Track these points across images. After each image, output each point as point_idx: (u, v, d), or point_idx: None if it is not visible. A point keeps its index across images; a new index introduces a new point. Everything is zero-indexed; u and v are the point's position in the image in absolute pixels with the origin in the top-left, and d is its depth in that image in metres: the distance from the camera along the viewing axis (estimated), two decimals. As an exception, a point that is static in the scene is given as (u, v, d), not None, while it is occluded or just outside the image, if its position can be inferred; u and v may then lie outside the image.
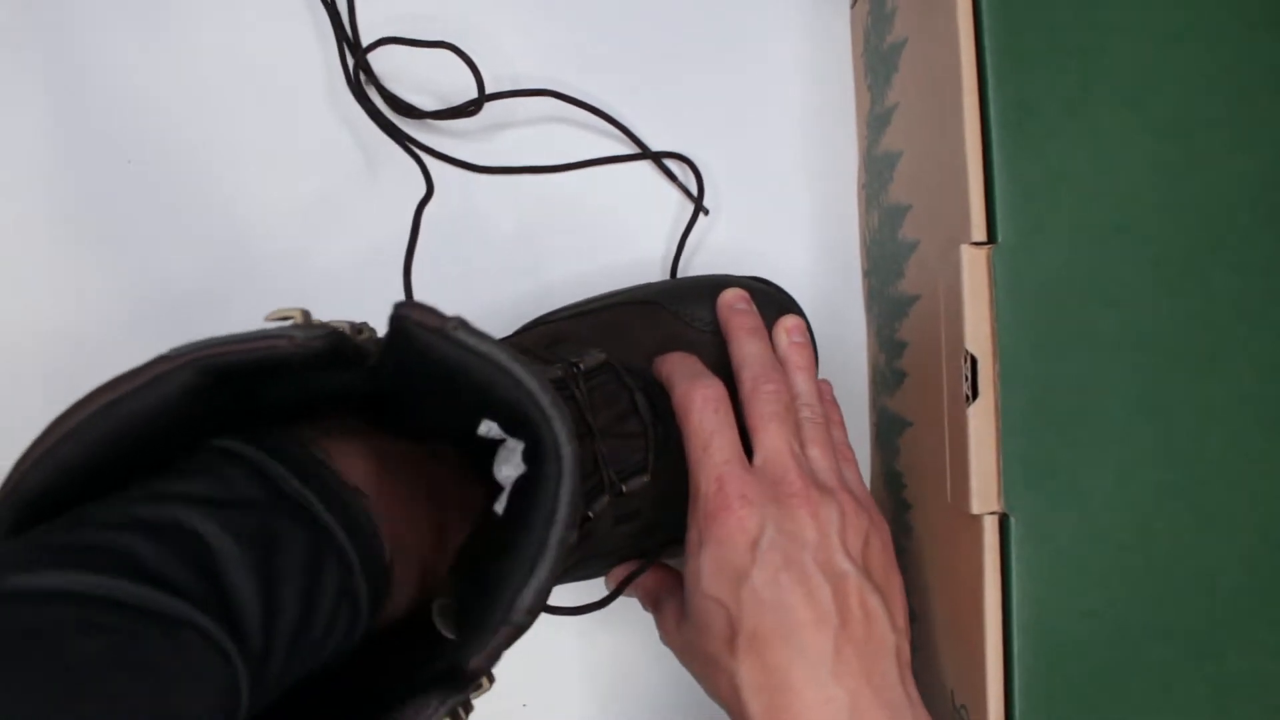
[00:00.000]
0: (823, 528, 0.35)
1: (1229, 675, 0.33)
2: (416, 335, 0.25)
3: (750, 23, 0.49)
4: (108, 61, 0.48)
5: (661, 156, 0.48)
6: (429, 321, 0.25)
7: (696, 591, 0.35)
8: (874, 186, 0.46)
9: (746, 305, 0.42)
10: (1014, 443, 0.33)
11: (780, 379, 0.39)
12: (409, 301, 0.25)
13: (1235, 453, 0.33)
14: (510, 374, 0.25)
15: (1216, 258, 0.34)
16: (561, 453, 0.25)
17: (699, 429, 0.37)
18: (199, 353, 0.23)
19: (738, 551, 0.34)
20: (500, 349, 0.25)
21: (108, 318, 0.47)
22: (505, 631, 0.24)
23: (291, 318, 0.25)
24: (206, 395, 0.24)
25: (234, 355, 0.24)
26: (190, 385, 0.23)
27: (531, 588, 0.24)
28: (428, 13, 0.48)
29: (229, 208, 0.48)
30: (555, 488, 0.25)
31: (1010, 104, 0.34)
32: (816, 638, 0.33)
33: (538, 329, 0.43)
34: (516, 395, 0.25)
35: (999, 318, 0.34)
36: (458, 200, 0.48)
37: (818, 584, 0.34)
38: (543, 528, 0.25)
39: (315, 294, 0.47)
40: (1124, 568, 0.33)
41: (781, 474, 0.36)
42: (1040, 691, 0.33)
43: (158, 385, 0.23)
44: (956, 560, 0.36)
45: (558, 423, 0.25)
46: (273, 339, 0.24)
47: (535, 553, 0.25)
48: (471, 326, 0.25)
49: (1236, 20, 0.34)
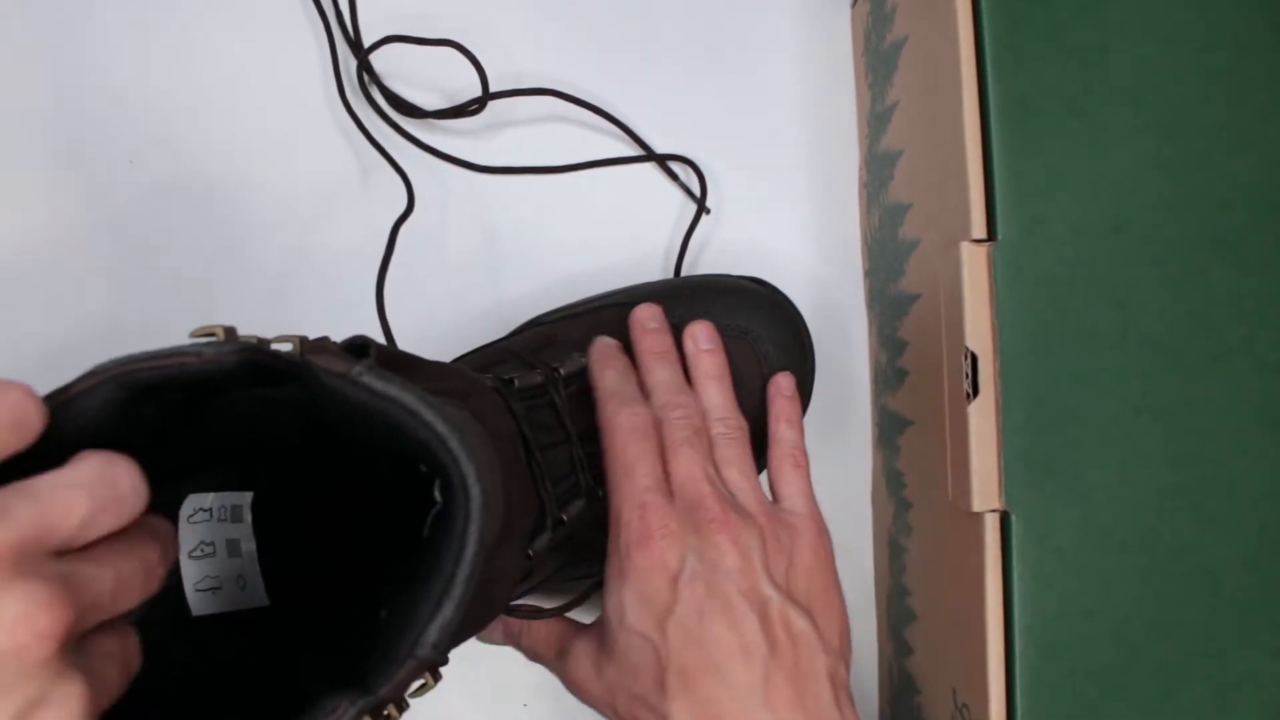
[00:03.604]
0: (744, 554, 0.34)
1: (1230, 674, 0.33)
2: (324, 381, 0.25)
3: (751, 22, 0.49)
4: (109, 61, 0.48)
5: (666, 159, 0.48)
6: (334, 367, 0.25)
7: (621, 628, 0.34)
8: (875, 185, 0.46)
9: (658, 324, 0.40)
10: (1015, 440, 0.33)
11: (688, 401, 0.37)
12: (315, 343, 0.25)
13: (1236, 451, 0.33)
14: (418, 416, 0.25)
15: (1216, 255, 0.34)
16: (470, 492, 0.25)
17: (621, 456, 0.36)
18: (117, 369, 0.24)
19: (660, 585, 0.33)
20: (407, 391, 0.25)
21: (109, 317, 0.47)
22: (410, 665, 0.25)
23: (214, 334, 0.25)
24: (132, 411, 0.24)
25: (146, 371, 0.24)
26: (112, 400, 0.24)
27: (437, 624, 0.24)
28: (428, 12, 0.48)
29: (227, 208, 0.48)
30: (464, 527, 0.25)
31: (1010, 102, 0.34)
32: (745, 669, 0.32)
33: (530, 331, 0.43)
34: (426, 436, 0.25)
35: (999, 315, 0.34)
36: (457, 200, 0.48)
37: (743, 613, 0.33)
38: (451, 564, 0.25)
39: (312, 294, 0.47)
40: (1125, 566, 0.33)
41: (698, 501, 0.35)
42: (1042, 690, 0.33)
43: (81, 400, 0.23)
44: (958, 559, 0.36)
45: (465, 463, 0.25)
46: (181, 355, 0.24)
47: (443, 588, 0.25)
48: (377, 370, 0.25)
49: (1236, 20, 0.34)
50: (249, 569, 0.33)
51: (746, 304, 0.42)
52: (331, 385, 0.25)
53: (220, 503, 0.32)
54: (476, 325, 0.48)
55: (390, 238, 0.43)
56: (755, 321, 0.42)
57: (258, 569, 0.33)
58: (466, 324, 0.48)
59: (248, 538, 0.33)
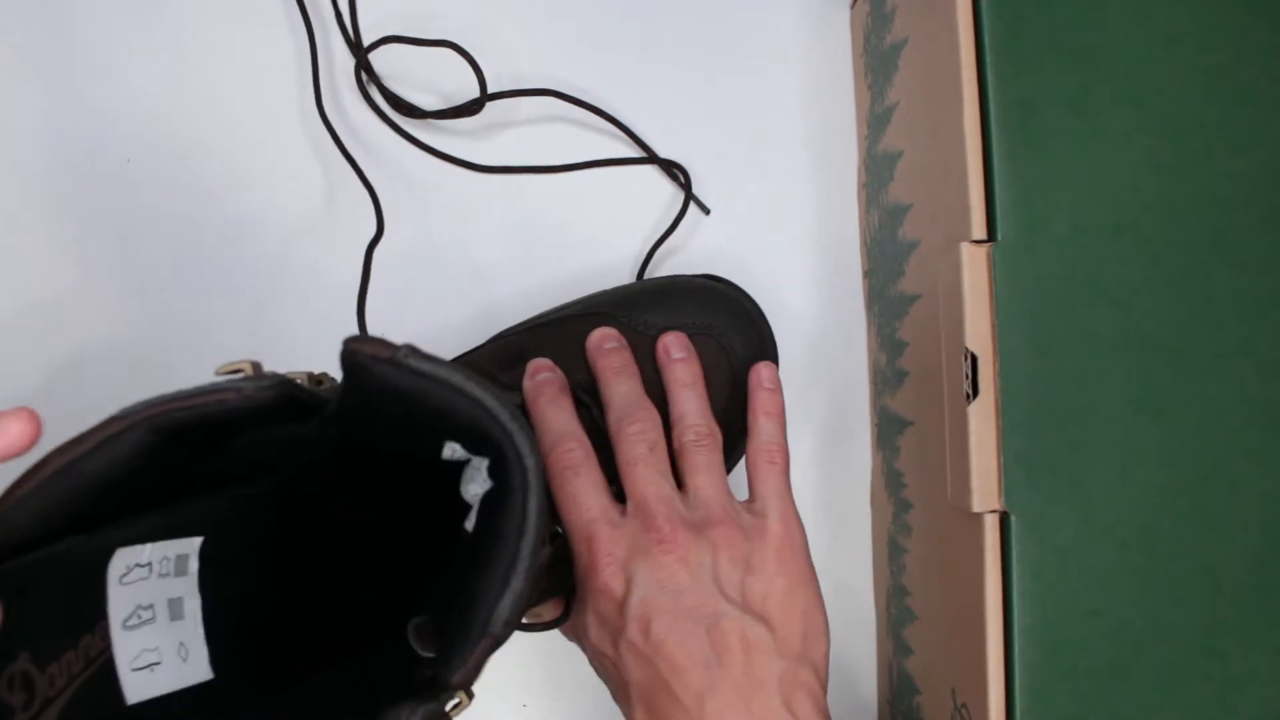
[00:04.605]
0: (693, 571, 0.34)
1: (1231, 673, 0.33)
2: (370, 367, 0.25)
3: (751, 22, 0.49)
4: (107, 60, 0.48)
5: (666, 163, 0.48)
6: (380, 352, 0.25)
7: (589, 647, 0.36)
8: (874, 186, 0.46)
9: (616, 343, 0.41)
10: (1014, 441, 0.33)
11: (646, 416, 0.38)
12: (358, 336, 0.25)
13: (1236, 451, 0.33)
14: (467, 394, 0.25)
15: (1216, 256, 0.34)
16: (526, 464, 0.25)
17: (562, 495, 0.36)
18: (149, 411, 0.24)
19: (610, 610, 0.35)
20: (454, 371, 0.25)
21: (109, 316, 0.47)
22: (485, 644, 0.25)
23: (242, 370, 0.25)
24: (163, 451, 0.24)
25: (182, 411, 0.24)
26: (143, 444, 0.24)
27: (508, 599, 0.25)
28: (428, 12, 0.48)
29: (227, 207, 0.48)
30: (523, 500, 0.25)
31: (1010, 103, 0.34)
32: (691, 681, 0.33)
33: (496, 344, 0.43)
34: (476, 414, 0.25)
35: (999, 316, 0.34)
36: (454, 202, 0.48)
37: (689, 629, 0.34)
38: (515, 539, 0.25)
39: (312, 293, 0.47)
40: (1125, 566, 0.33)
41: (648, 520, 0.35)
42: (1041, 690, 0.33)
43: (110, 446, 0.23)
44: (957, 559, 0.36)
45: (519, 437, 0.25)
46: (221, 393, 0.24)
47: (509, 564, 0.25)
48: (422, 352, 0.25)
49: (1236, 20, 0.34)
50: (191, 634, 0.29)
51: (708, 302, 0.42)
52: (378, 373, 0.25)
53: (161, 554, 0.27)
54: (476, 327, 0.48)
55: (365, 261, 0.43)
56: (718, 318, 0.42)
57: (201, 633, 0.29)
58: (467, 324, 0.48)
59: (192, 594, 0.29)
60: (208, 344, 0.47)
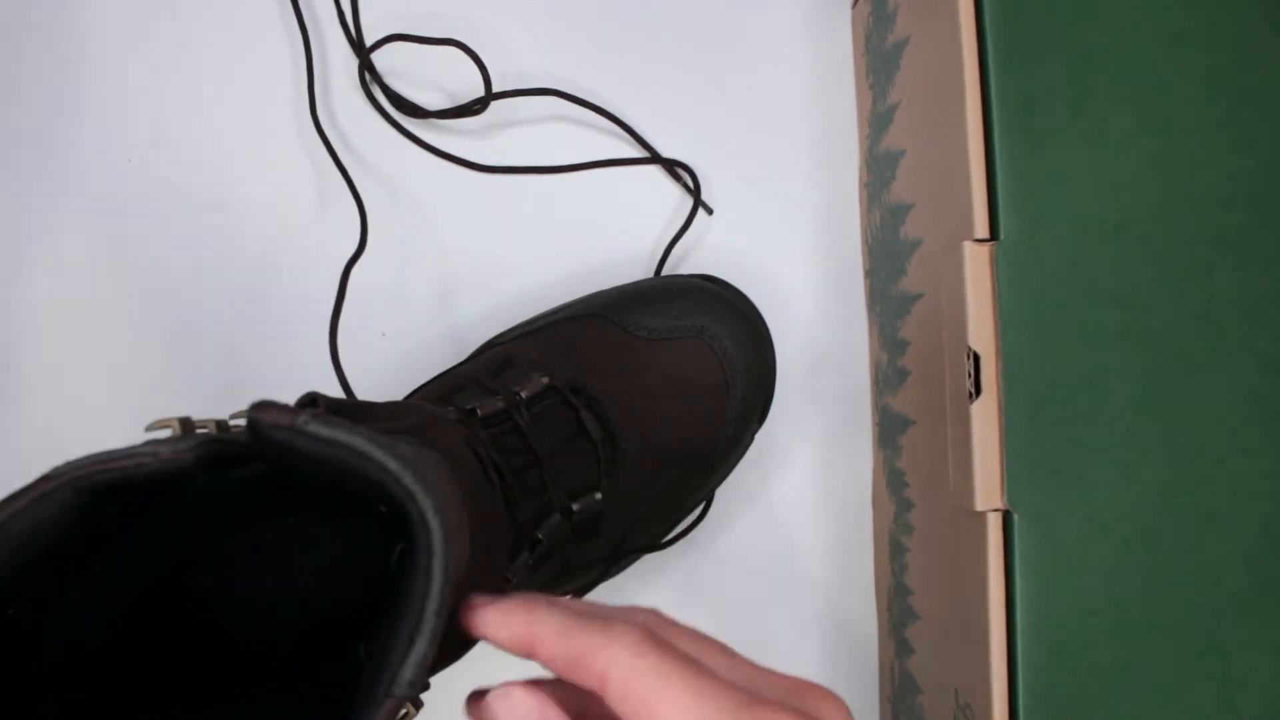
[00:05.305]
0: None
1: (1233, 672, 0.33)
2: (273, 436, 0.25)
3: (752, 22, 0.49)
4: (107, 59, 0.48)
5: (670, 164, 0.48)
6: (280, 420, 0.25)
7: None
8: (875, 185, 0.46)
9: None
10: (1017, 440, 0.33)
11: None
12: (260, 403, 0.25)
13: (1238, 449, 0.33)
14: (369, 457, 0.25)
15: (1218, 254, 0.34)
16: (430, 525, 0.25)
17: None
18: (74, 472, 0.24)
19: None
20: (356, 434, 0.25)
21: (110, 314, 0.47)
22: (388, 704, 0.24)
23: (170, 428, 0.25)
24: (92, 511, 0.24)
25: (102, 474, 0.24)
26: (70, 504, 0.24)
27: (411, 661, 0.24)
28: (431, 11, 0.48)
29: (225, 208, 0.48)
30: (428, 561, 0.25)
31: (1012, 102, 0.34)
32: None
33: (488, 353, 0.43)
34: (380, 477, 0.25)
35: (1001, 315, 0.34)
36: (457, 201, 0.48)
37: None
38: (419, 600, 0.25)
39: (310, 292, 0.47)
40: (1128, 564, 0.33)
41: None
42: (1044, 689, 0.33)
43: (39, 505, 0.24)
44: (960, 558, 0.36)
45: (421, 498, 0.25)
46: (138, 456, 0.24)
47: (414, 626, 0.25)
48: (325, 417, 0.25)
49: (1237, 20, 0.34)
50: None
51: (701, 303, 0.42)
52: (281, 440, 0.25)
53: None
54: (477, 327, 0.48)
55: (342, 280, 0.42)
56: (710, 319, 0.42)
57: None
58: (468, 325, 0.48)
59: None
60: (194, 348, 0.47)
